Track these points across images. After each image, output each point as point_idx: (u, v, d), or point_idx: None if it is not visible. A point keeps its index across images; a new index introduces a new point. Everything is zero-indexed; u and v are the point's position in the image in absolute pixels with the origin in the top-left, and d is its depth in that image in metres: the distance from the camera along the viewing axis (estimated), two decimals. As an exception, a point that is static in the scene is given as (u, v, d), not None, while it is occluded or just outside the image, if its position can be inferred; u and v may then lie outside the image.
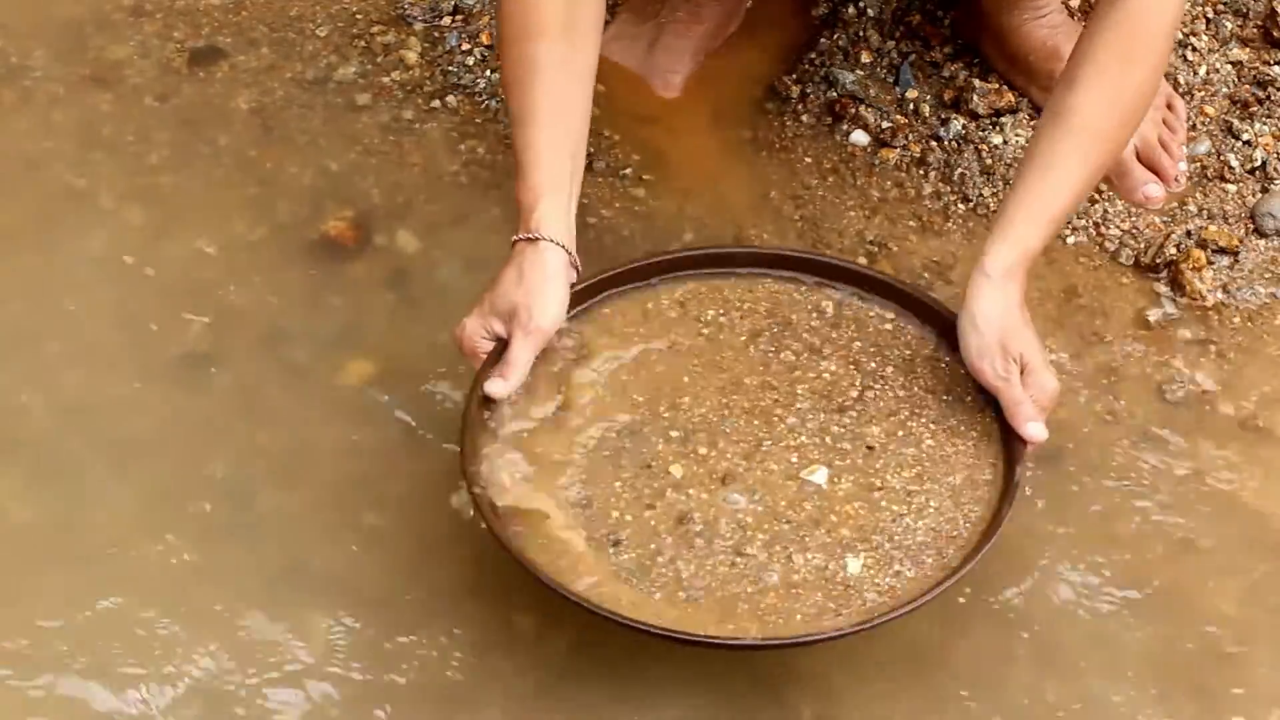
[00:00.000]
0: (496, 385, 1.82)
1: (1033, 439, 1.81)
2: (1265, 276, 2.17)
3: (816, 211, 2.24)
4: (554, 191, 1.84)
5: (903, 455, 1.83)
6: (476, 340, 1.84)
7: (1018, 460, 1.80)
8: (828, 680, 1.84)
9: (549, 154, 1.85)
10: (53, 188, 2.23)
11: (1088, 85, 1.86)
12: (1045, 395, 1.83)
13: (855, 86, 2.33)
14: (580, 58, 1.89)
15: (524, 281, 1.82)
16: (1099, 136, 1.87)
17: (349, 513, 1.94)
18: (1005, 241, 1.84)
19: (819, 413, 1.86)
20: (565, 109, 1.87)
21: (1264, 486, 2.00)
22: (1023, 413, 1.81)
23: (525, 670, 1.84)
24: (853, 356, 1.90)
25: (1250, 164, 2.26)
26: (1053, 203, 1.86)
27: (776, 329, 1.92)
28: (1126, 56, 1.87)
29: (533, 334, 1.82)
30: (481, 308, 1.84)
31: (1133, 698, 1.84)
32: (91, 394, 2.03)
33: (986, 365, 1.83)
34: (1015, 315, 1.84)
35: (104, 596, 1.87)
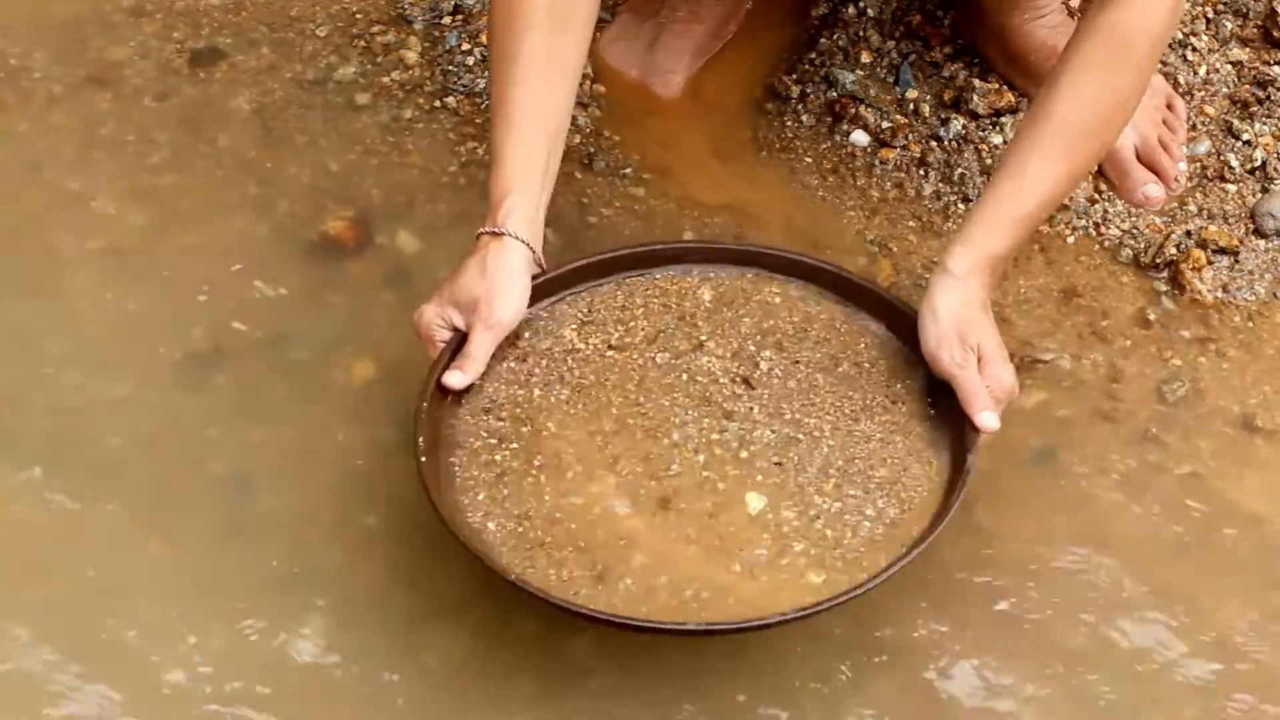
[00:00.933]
0: (454, 377, 1.83)
1: (986, 428, 1.81)
2: (1265, 276, 2.17)
3: (816, 211, 2.24)
4: (524, 187, 1.85)
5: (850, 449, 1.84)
6: (433, 328, 1.85)
7: (970, 448, 1.81)
8: (830, 677, 1.84)
9: (523, 149, 1.86)
10: (53, 188, 2.23)
11: (1067, 91, 1.86)
12: (1001, 387, 1.83)
13: (855, 86, 2.33)
14: (567, 52, 1.89)
15: (486, 275, 1.83)
16: (1074, 142, 1.87)
17: (349, 513, 1.94)
18: (969, 242, 1.86)
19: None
20: (545, 104, 1.87)
21: (1264, 486, 2.00)
22: (979, 401, 1.81)
23: (526, 670, 1.84)
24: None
25: (1250, 164, 2.26)
26: (1021, 206, 1.86)
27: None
28: (1108, 64, 1.86)
29: (493, 328, 1.83)
30: (441, 296, 1.85)
31: (1132, 698, 1.84)
32: (92, 394, 2.03)
33: (944, 353, 1.84)
34: (975, 308, 1.85)
35: (104, 597, 1.87)
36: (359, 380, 2.06)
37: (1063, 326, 2.12)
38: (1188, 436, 2.04)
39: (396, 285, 2.15)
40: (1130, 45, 1.86)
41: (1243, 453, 2.03)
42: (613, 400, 1.86)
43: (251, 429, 2.01)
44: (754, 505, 1.79)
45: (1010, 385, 1.84)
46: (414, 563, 1.90)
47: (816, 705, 1.83)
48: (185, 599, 1.87)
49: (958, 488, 1.78)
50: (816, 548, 1.76)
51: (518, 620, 1.86)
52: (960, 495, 1.78)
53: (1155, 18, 1.87)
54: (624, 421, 1.85)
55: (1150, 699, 1.85)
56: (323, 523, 1.94)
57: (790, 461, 1.82)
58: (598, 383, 1.88)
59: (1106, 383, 2.08)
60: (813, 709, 1.83)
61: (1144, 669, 1.86)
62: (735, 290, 1.96)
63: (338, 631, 1.86)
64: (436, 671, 1.84)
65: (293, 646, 1.85)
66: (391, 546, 1.92)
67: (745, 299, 1.95)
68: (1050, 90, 1.87)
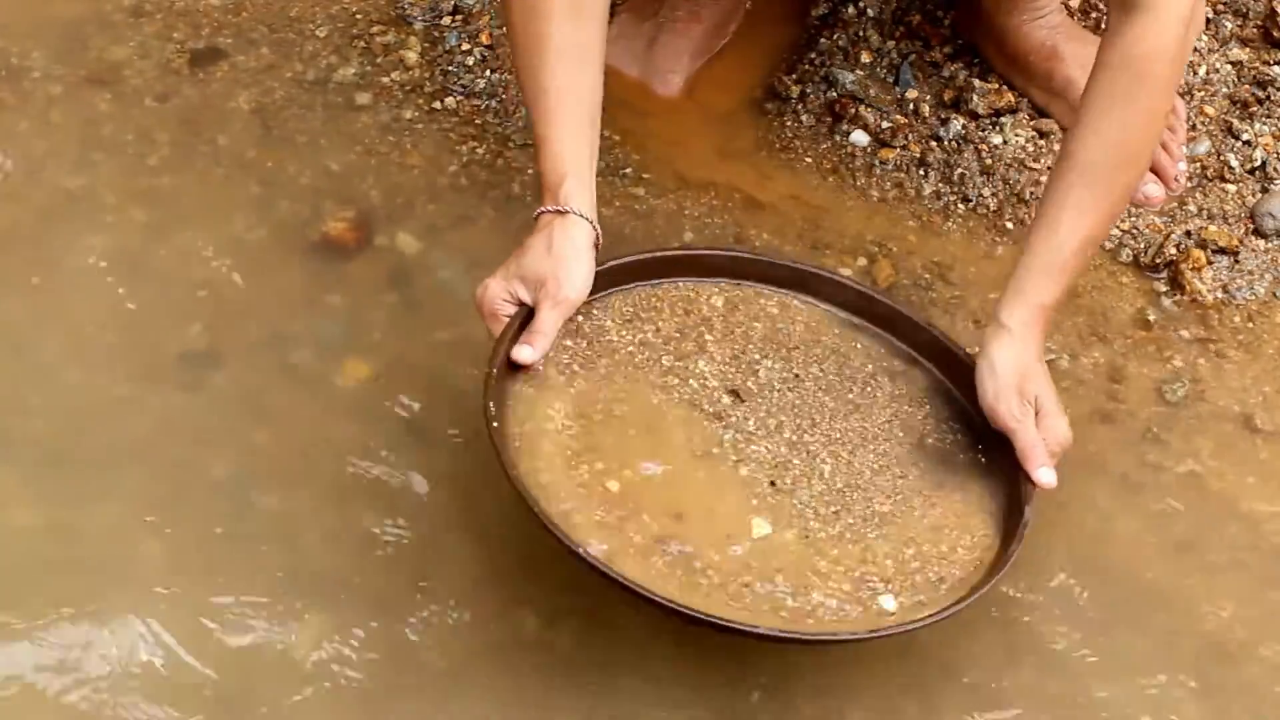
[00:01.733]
0: (525, 351, 1.82)
1: (1044, 484, 1.82)
2: (1265, 276, 2.17)
3: (816, 211, 2.24)
4: (578, 168, 1.85)
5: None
6: (498, 303, 1.84)
7: (1027, 501, 1.81)
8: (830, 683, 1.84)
9: (570, 132, 1.86)
10: (53, 188, 2.23)
11: (1091, 130, 1.86)
12: (1057, 441, 1.84)
13: (855, 86, 2.33)
14: (591, 39, 1.90)
15: (554, 251, 1.83)
16: (1107, 181, 1.87)
17: (349, 513, 1.94)
18: (1020, 295, 1.86)
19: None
20: (580, 89, 1.88)
21: (1263, 486, 2.00)
22: (1036, 456, 1.82)
23: (527, 669, 1.84)
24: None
25: (1250, 164, 2.26)
26: (1063, 252, 1.86)
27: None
28: (1127, 96, 1.85)
29: (561, 304, 1.83)
30: (507, 271, 1.84)
31: (1133, 698, 1.84)
32: (91, 394, 2.03)
33: (1003, 407, 1.84)
34: (1032, 362, 1.86)
35: (103, 597, 1.87)
36: (359, 380, 2.06)
37: (1063, 326, 2.12)
38: (1188, 436, 2.04)
39: (396, 286, 2.15)
40: (1147, 73, 1.85)
41: (1243, 453, 2.03)
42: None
43: (251, 429, 2.01)
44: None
45: (1065, 437, 1.85)
46: (414, 563, 1.90)
47: (812, 704, 1.83)
48: (184, 599, 1.87)
49: (1016, 539, 1.78)
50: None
51: (518, 619, 1.86)
52: (1018, 546, 1.78)
53: (1170, 40, 1.85)
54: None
55: (1150, 699, 1.84)
56: (322, 523, 1.93)
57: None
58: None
59: (1106, 383, 2.08)
60: (808, 708, 1.83)
61: (1144, 669, 1.86)
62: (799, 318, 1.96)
63: (338, 631, 1.86)
64: (436, 671, 1.84)
65: (292, 646, 1.85)
66: (391, 546, 1.92)
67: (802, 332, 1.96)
68: (1076, 131, 1.87)
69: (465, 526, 1.92)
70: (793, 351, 1.92)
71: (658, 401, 1.85)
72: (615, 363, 1.88)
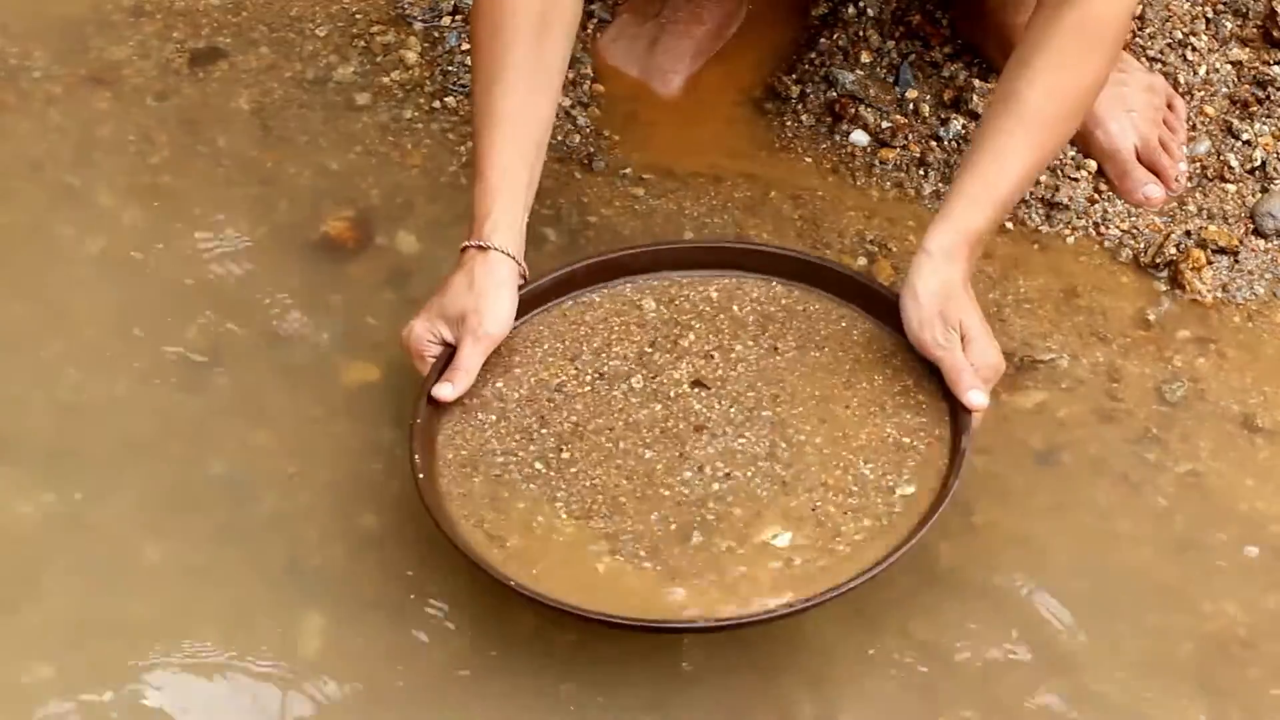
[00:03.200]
0: (445, 389, 1.85)
1: (974, 406, 1.82)
2: (1265, 276, 2.17)
3: (816, 211, 2.24)
4: (508, 200, 1.87)
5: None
6: (423, 344, 1.87)
7: (964, 430, 1.81)
8: (830, 679, 1.84)
9: (506, 162, 1.88)
10: (53, 188, 2.23)
11: (1042, 76, 1.87)
12: (987, 364, 1.84)
13: (855, 86, 2.33)
14: (549, 61, 1.91)
15: (474, 288, 1.85)
16: (1049, 126, 1.89)
17: (349, 513, 1.94)
18: (948, 222, 1.86)
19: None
20: (527, 117, 1.89)
21: (1263, 486, 2.00)
22: (965, 380, 1.82)
23: (526, 671, 1.84)
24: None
25: (1250, 164, 2.26)
26: (998, 187, 1.88)
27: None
28: (1081, 54, 1.89)
29: (482, 340, 1.85)
30: (429, 311, 1.87)
31: (1133, 699, 1.84)
32: (91, 394, 2.03)
33: (927, 335, 1.84)
34: (956, 288, 1.85)
35: (103, 597, 1.87)
36: (359, 380, 2.06)
37: (1063, 326, 2.12)
38: (1188, 436, 2.04)
39: (396, 285, 2.15)
40: (1101, 36, 1.89)
41: (1243, 453, 2.03)
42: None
43: (251, 429, 2.01)
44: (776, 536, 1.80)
45: (996, 362, 1.85)
46: (414, 563, 1.90)
47: (812, 704, 1.83)
48: (184, 599, 1.87)
49: (953, 470, 1.79)
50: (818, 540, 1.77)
51: (515, 620, 1.86)
52: (956, 478, 1.78)
53: (1119, 7, 1.90)
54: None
55: (1151, 699, 1.84)
56: (322, 523, 1.94)
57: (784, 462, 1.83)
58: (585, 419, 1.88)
59: (1106, 383, 2.08)
60: (809, 711, 1.83)
61: (1144, 669, 1.86)
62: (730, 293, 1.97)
63: (338, 631, 1.86)
64: (436, 671, 1.84)
65: (292, 646, 1.85)
66: (391, 546, 1.92)
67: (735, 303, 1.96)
68: (1024, 75, 1.88)
69: (465, 526, 1.92)
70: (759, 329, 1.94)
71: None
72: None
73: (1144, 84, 2.27)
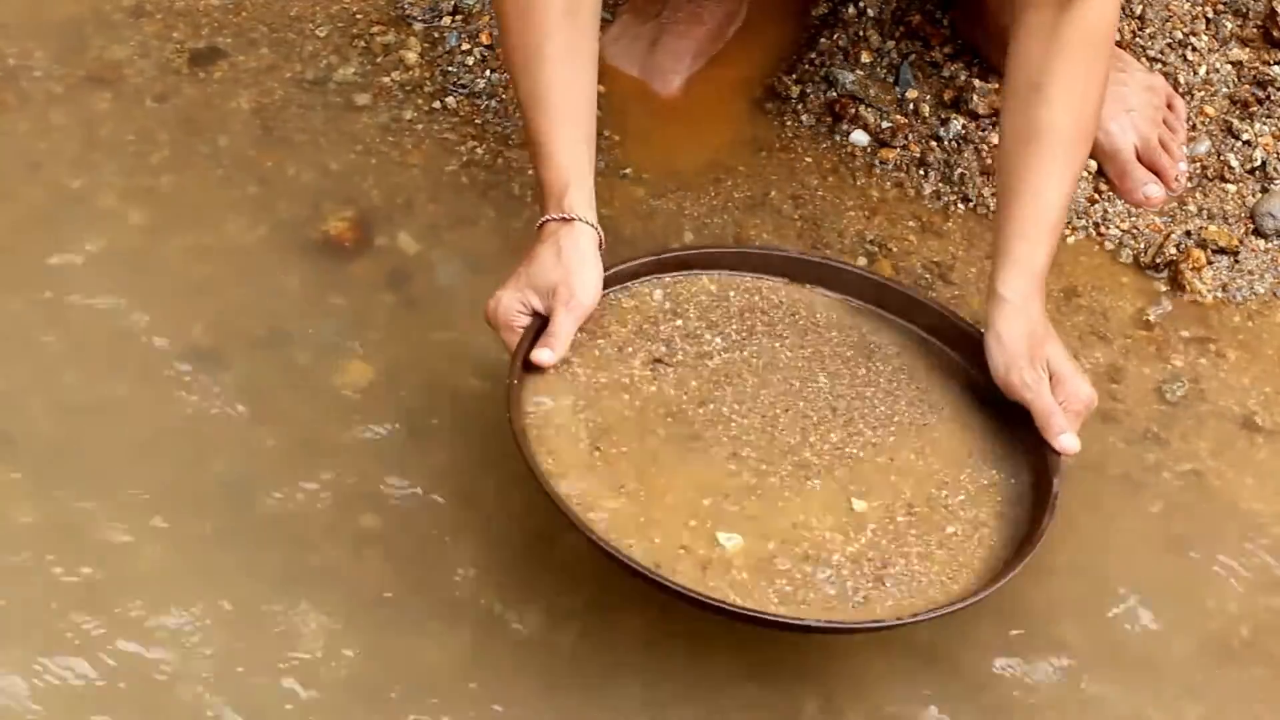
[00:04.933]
0: (545, 354, 1.84)
1: (1066, 450, 1.82)
2: (1265, 276, 2.17)
3: (816, 211, 2.24)
4: (579, 175, 1.88)
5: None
6: (512, 314, 1.86)
7: (1054, 472, 1.80)
8: (833, 677, 1.84)
9: (570, 139, 1.89)
10: (53, 188, 2.23)
11: (1058, 101, 1.88)
12: (1079, 401, 1.84)
13: (855, 86, 2.33)
14: (585, 44, 1.91)
15: (563, 259, 1.85)
16: (1076, 148, 1.91)
17: (349, 513, 1.94)
18: (1015, 266, 1.87)
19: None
20: (577, 95, 1.90)
21: (1263, 486, 2.00)
22: (1055, 424, 1.82)
23: (527, 670, 1.84)
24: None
25: (1250, 164, 2.26)
26: (1048, 220, 1.89)
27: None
28: (1087, 66, 1.90)
29: (574, 309, 1.85)
30: (518, 282, 1.86)
31: (1133, 699, 1.84)
32: (91, 394, 2.03)
33: (1015, 378, 1.84)
34: (1039, 328, 1.86)
35: (103, 597, 1.87)
36: (359, 380, 2.06)
37: (1063, 326, 2.12)
38: (1188, 436, 2.04)
39: (396, 286, 2.15)
40: (1100, 44, 1.91)
41: (1243, 453, 2.03)
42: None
43: (251, 429, 2.01)
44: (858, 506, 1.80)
45: (1089, 396, 1.85)
46: (414, 562, 1.90)
47: (814, 704, 1.83)
48: (184, 599, 1.87)
49: (1048, 512, 1.78)
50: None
51: (518, 618, 1.86)
52: (1050, 519, 1.77)
53: (1115, 14, 1.93)
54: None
55: (1151, 699, 1.85)
56: (322, 523, 1.93)
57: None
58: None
59: (1106, 383, 2.08)
60: (811, 713, 1.83)
61: (1144, 669, 1.86)
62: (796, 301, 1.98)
63: (338, 631, 1.86)
64: (436, 671, 1.84)
65: (292, 646, 1.85)
66: (391, 546, 1.92)
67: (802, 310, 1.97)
68: (1042, 102, 1.88)
69: (465, 526, 1.92)
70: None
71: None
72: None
73: (1144, 84, 2.27)
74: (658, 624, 1.83)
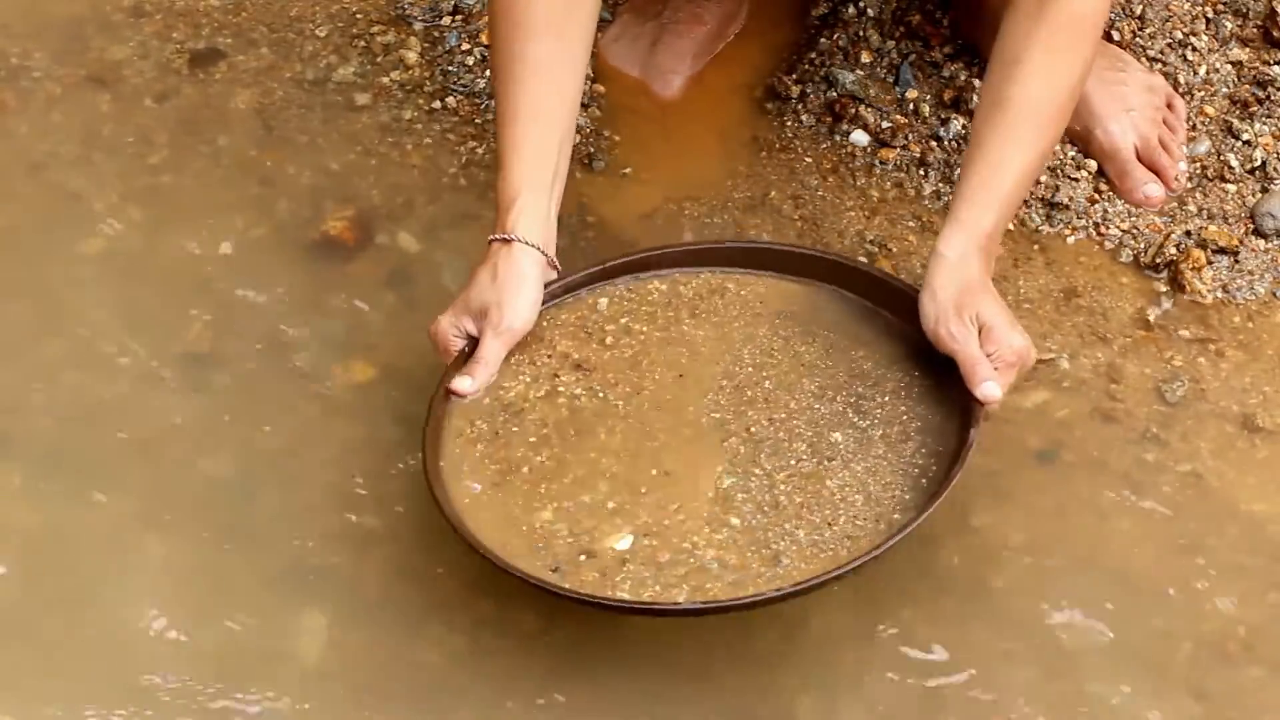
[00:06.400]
0: (463, 383, 1.85)
1: (986, 398, 1.81)
2: (1265, 276, 2.17)
3: (816, 211, 2.24)
4: (533, 192, 1.86)
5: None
6: (449, 338, 1.86)
7: (974, 423, 1.80)
8: (830, 677, 1.85)
9: (531, 153, 1.87)
10: (53, 188, 2.23)
11: (1033, 75, 1.89)
12: (1011, 352, 1.83)
13: (855, 86, 2.33)
14: (571, 56, 1.90)
15: (497, 281, 1.84)
16: (1044, 124, 1.91)
17: (348, 513, 1.95)
18: (958, 226, 1.87)
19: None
20: (552, 108, 1.89)
21: (1263, 486, 2.00)
22: (979, 372, 1.81)
23: (526, 669, 1.84)
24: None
25: (1250, 164, 2.26)
26: (1003, 187, 1.89)
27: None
28: (1070, 48, 1.90)
29: (503, 334, 1.85)
30: (455, 306, 1.87)
31: (1133, 699, 1.84)
32: (91, 394, 2.03)
33: (942, 329, 1.84)
34: (974, 283, 1.86)
35: (103, 597, 1.87)
36: (359, 380, 2.06)
37: (1063, 326, 2.12)
38: (1188, 436, 2.04)
39: (396, 285, 2.15)
40: (1085, 26, 1.91)
41: (1243, 453, 2.03)
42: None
43: (251, 429, 2.01)
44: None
45: (1020, 348, 1.84)
46: (414, 562, 1.90)
47: (813, 703, 1.83)
48: (184, 599, 1.87)
49: (959, 460, 1.78)
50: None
51: (518, 619, 1.86)
52: (962, 467, 1.77)
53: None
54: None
55: (1151, 700, 1.84)
56: (322, 523, 1.94)
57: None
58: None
59: (1106, 383, 2.08)
60: (809, 707, 1.83)
61: (1144, 669, 1.86)
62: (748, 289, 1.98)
63: (338, 631, 1.86)
64: (437, 670, 1.84)
65: (293, 647, 1.85)
66: (391, 546, 1.92)
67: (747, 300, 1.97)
68: (1014, 76, 1.89)
69: (465, 526, 1.92)
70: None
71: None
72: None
73: (1144, 84, 2.27)
74: (657, 624, 1.83)
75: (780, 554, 1.75)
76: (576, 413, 1.86)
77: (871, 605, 1.85)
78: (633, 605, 1.72)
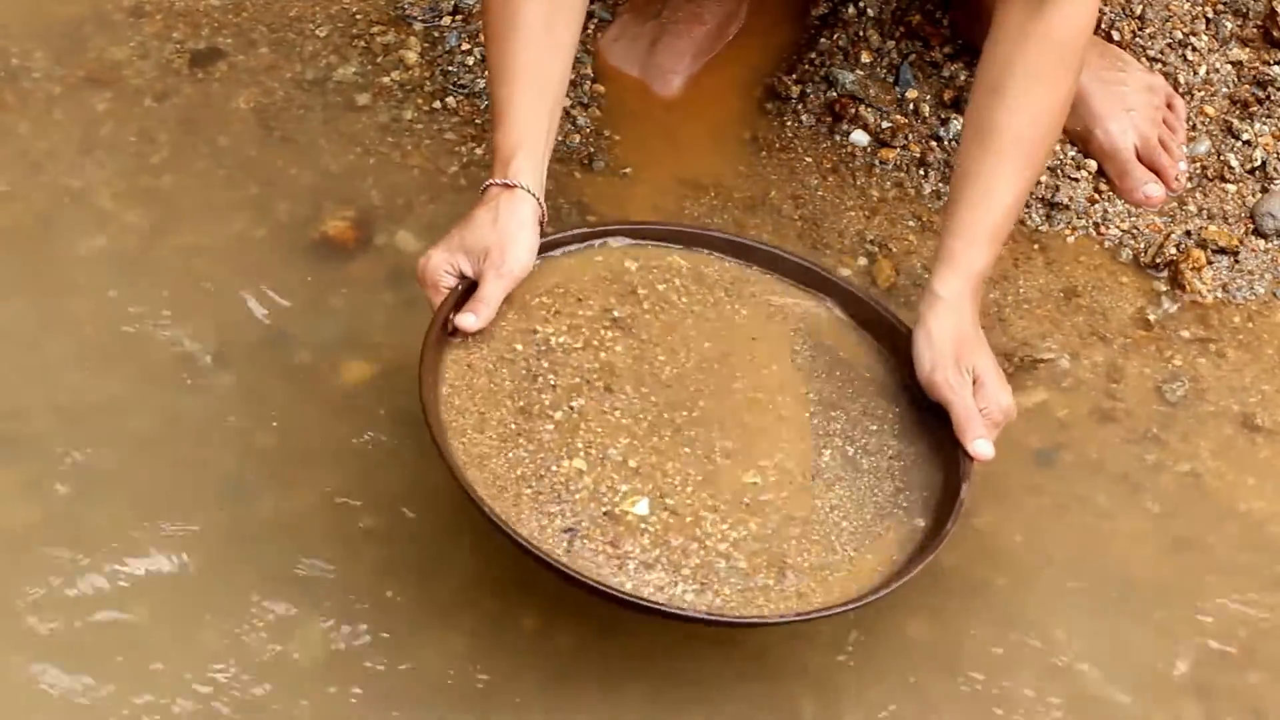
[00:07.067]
0: (468, 319, 1.84)
1: (979, 456, 1.80)
2: (1265, 276, 2.17)
3: (816, 211, 2.24)
4: (531, 144, 1.87)
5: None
6: (440, 274, 1.85)
7: (964, 478, 1.79)
8: (831, 680, 1.85)
9: (528, 109, 1.88)
10: (53, 188, 2.23)
11: (1016, 103, 1.87)
12: (998, 409, 1.83)
13: (855, 86, 2.33)
14: (564, 27, 1.91)
15: (499, 224, 1.84)
16: (1032, 152, 1.89)
17: (348, 513, 1.95)
18: (952, 265, 1.86)
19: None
20: (545, 69, 1.90)
21: (1263, 486, 2.00)
22: (973, 429, 1.81)
23: (527, 669, 1.84)
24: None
25: (1250, 164, 2.26)
26: (993, 221, 1.88)
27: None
28: (1052, 72, 1.88)
29: (504, 276, 1.84)
30: (449, 243, 1.86)
31: (1133, 699, 1.84)
32: (91, 394, 2.03)
33: (939, 377, 1.83)
34: (969, 331, 1.85)
35: (103, 597, 1.87)
36: (359, 380, 2.06)
37: (1063, 326, 2.12)
38: (1188, 436, 2.04)
39: (396, 285, 2.15)
40: (1067, 51, 1.88)
41: (1243, 452, 2.03)
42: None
43: (251, 429, 2.01)
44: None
45: (1007, 407, 1.84)
46: (413, 563, 1.90)
47: (813, 704, 1.83)
48: (184, 599, 1.87)
49: (953, 514, 1.76)
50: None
51: (518, 620, 1.86)
52: (955, 520, 1.76)
53: (1087, 17, 1.90)
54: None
55: (1151, 700, 1.85)
56: (322, 523, 1.94)
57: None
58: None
59: (1106, 383, 2.08)
60: (811, 708, 1.83)
61: (1144, 669, 1.87)
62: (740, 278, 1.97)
63: (338, 631, 1.86)
64: (437, 670, 1.84)
65: (292, 647, 1.85)
66: (391, 546, 1.92)
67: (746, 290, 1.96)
68: (1000, 104, 1.87)
69: (465, 526, 1.92)
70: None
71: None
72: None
73: (1144, 84, 2.27)
74: (658, 623, 1.83)
75: (788, 569, 1.74)
76: (608, 366, 1.85)
77: (872, 606, 1.84)
78: (637, 601, 1.71)
